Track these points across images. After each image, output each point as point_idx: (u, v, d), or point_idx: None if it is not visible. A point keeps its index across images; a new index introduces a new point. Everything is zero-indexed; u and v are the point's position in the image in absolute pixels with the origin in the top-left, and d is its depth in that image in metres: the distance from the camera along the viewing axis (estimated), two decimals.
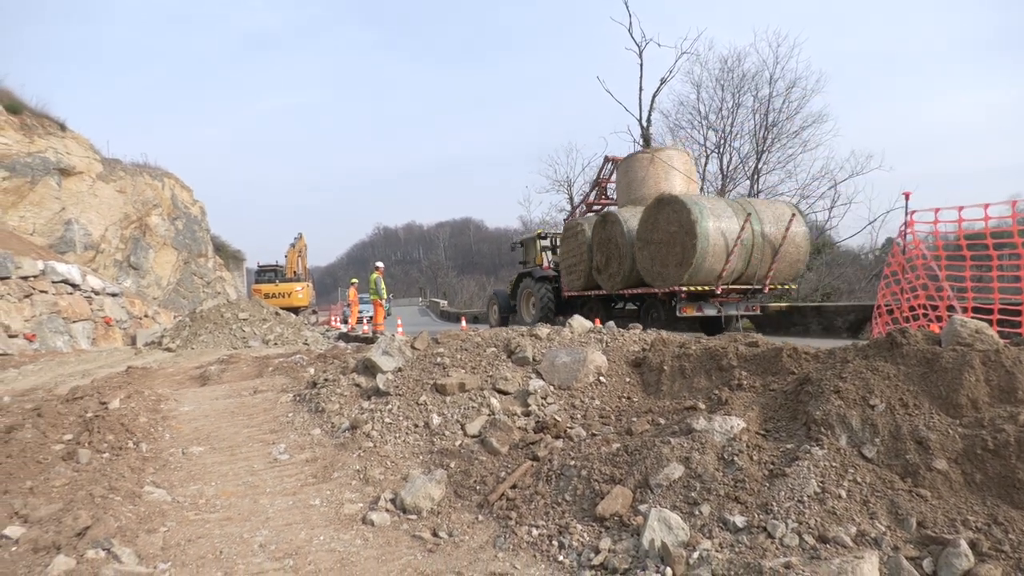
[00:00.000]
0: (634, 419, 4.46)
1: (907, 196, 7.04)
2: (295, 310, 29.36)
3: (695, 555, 2.83)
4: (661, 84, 30.54)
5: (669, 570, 2.79)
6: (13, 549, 3.12)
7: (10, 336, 14.75)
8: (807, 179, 28.82)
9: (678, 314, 13.03)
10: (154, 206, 32.28)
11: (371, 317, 20.11)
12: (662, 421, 4.28)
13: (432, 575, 3.10)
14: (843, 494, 3.04)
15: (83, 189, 27.42)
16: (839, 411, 3.46)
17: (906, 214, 6.88)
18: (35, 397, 7.85)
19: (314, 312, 35.46)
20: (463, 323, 20.55)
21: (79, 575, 2.81)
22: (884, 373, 3.60)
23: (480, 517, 3.73)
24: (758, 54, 42.50)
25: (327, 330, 22.07)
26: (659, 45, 36.99)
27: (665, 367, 5.07)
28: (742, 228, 12.17)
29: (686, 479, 3.37)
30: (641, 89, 31.28)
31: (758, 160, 28.77)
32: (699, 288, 12.67)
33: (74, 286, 18.60)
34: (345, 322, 26.01)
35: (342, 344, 15.33)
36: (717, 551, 2.84)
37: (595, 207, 19.37)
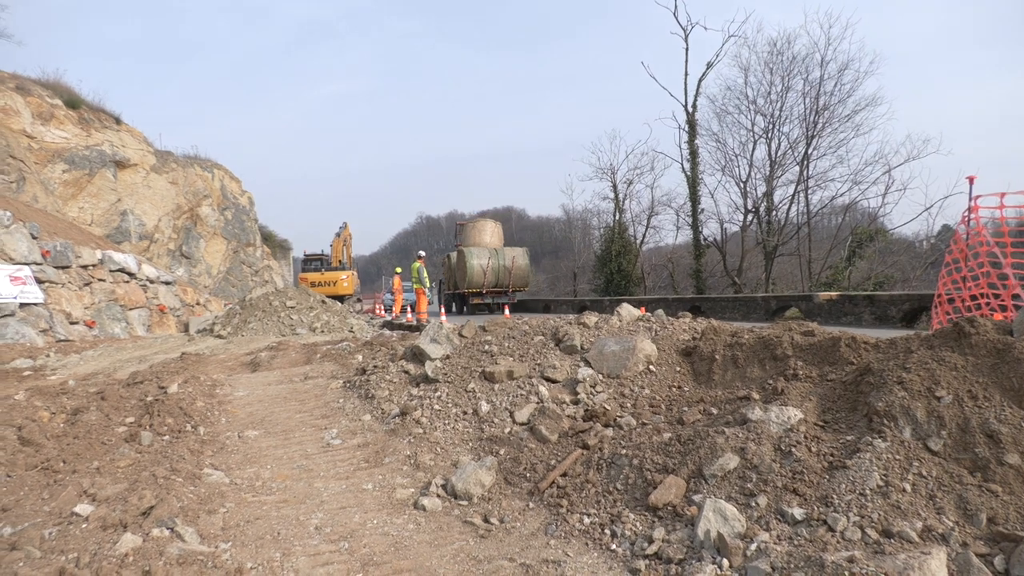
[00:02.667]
0: (685, 408, 4.40)
1: (971, 180, 6.75)
2: (340, 298, 29.79)
3: (753, 547, 2.78)
4: (707, 68, 30.09)
5: (726, 561, 2.75)
6: (83, 526, 3.24)
7: (71, 323, 15.31)
8: (860, 164, 27.98)
9: (471, 302, 27.08)
10: (204, 197, 33.08)
11: (415, 305, 20.29)
12: (715, 411, 4.21)
13: (485, 560, 3.12)
14: (908, 488, 2.95)
15: (137, 181, 28.26)
16: (903, 402, 3.35)
17: (970, 199, 6.60)
18: (97, 381, 8.15)
19: (359, 300, 35.95)
20: (506, 311, 20.57)
21: (145, 553, 2.89)
22: (951, 364, 3.47)
23: (531, 504, 3.73)
24: (809, 36, 41.34)
25: (371, 318, 22.36)
26: (705, 28, 36.48)
27: (717, 356, 4.98)
28: (489, 260, 26.54)
29: (741, 470, 3.31)
30: (687, 74, 30.84)
31: (808, 145, 28.00)
32: (474, 290, 26.75)
33: (130, 275, 19.19)
34: (389, 310, 26.28)
35: (387, 332, 15.49)
36: (775, 543, 2.79)
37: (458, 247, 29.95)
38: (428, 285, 19.40)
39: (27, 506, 3.52)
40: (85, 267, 17.25)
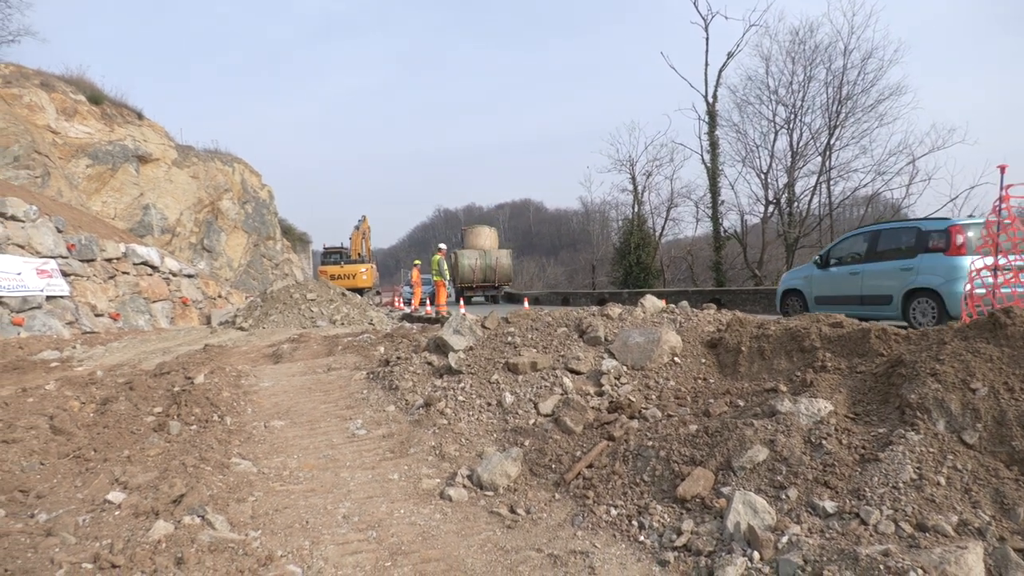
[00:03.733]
0: (711, 400, 4.36)
1: (1003, 169, 6.61)
2: (360, 291, 29.93)
3: (784, 539, 2.76)
4: (728, 58, 29.83)
5: (756, 554, 2.73)
6: (116, 513, 3.29)
7: (96, 315, 15.54)
8: (883, 154, 27.56)
9: (465, 294, 33.60)
10: (225, 191, 33.37)
11: (433, 297, 20.36)
12: (741, 403, 4.17)
13: (512, 551, 3.12)
14: (942, 481, 2.91)
15: (159, 175, 28.57)
16: (936, 395, 3.30)
17: (1001, 189, 6.47)
18: (123, 372, 8.25)
19: (378, 293, 36.12)
20: (525, 304, 20.56)
21: (178, 539, 2.93)
22: (986, 355, 3.41)
23: (557, 495, 3.73)
24: (832, 24, 40.67)
25: (391, 310, 22.46)
26: (726, 18, 36.11)
27: (743, 348, 4.94)
28: (478, 260, 33.64)
29: (771, 462, 3.28)
30: (707, 64, 30.57)
31: (830, 136, 27.65)
32: (466, 284, 33.54)
33: (153, 268, 19.42)
34: (408, 303, 26.39)
35: (407, 324, 15.55)
36: (807, 536, 2.76)
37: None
38: (448, 277, 19.46)
39: (61, 493, 3.58)
40: (109, 260, 17.48)
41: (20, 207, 14.72)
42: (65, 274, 15.03)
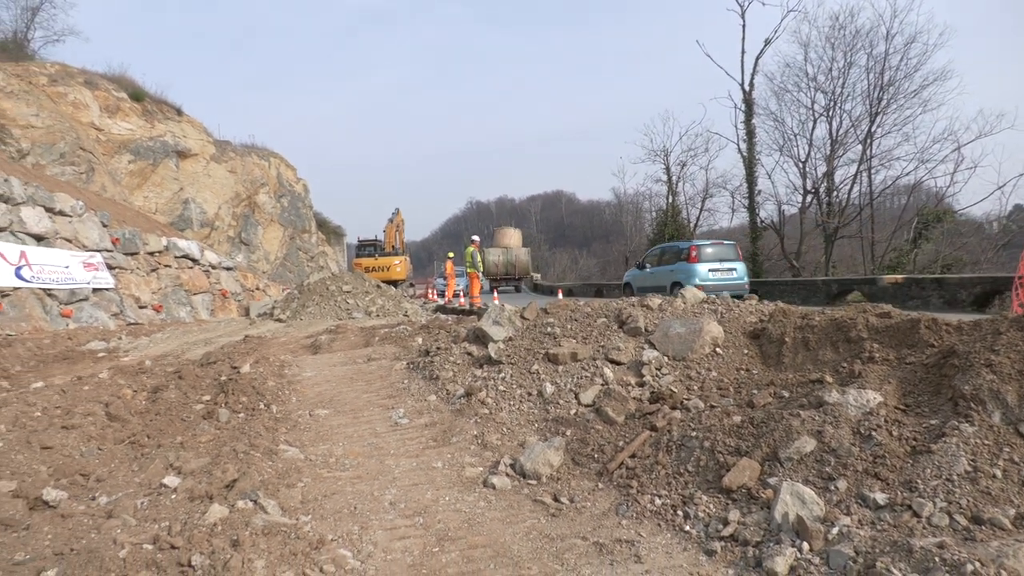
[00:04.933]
0: (755, 391, 4.32)
1: None
2: (394, 283, 30.18)
3: (834, 530, 2.74)
4: (765, 45, 29.33)
5: (806, 545, 2.71)
6: (172, 497, 3.40)
7: (140, 307, 15.95)
8: (927, 142, 26.82)
9: (492, 284, 36.43)
10: (262, 185, 33.90)
11: (467, 289, 20.45)
12: (786, 394, 4.13)
13: (558, 539, 3.14)
14: (998, 474, 2.85)
15: (198, 170, 29.13)
16: (992, 386, 3.23)
17: None
18: (168, 362, 8.47)
19: (411, 285, 36.40)
20: (559, 295, 20.54)
21: (232, 523, 3.01)
22: None
23: (600, 485, 3.74)
24: (873, 8, 39.57)
25: (424, 302, 22.60)
26: (763, 4, 35.29)
27: (786, 339, 4.87)
28: (501, 256, 39.41)
29: (819, 453, 3.25)
30: (743, 52, 30.11)
31: (872, 123, 27.01)
32: (491, 276, 37.63)
33: (194, 261, 19.85)
34: (442, 295, 26.55)
35: (441, 316, 15.65)
36: (858, 527, 2.73)
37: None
38: (482, 269, 19.51)
39: (119, 477, 3.71)
40: (152, 254, 17.91)
41: (67, 202, 15.15)
42: (110, 267, 15.45)
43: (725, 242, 16.10)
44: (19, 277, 12.27)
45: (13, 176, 13.74)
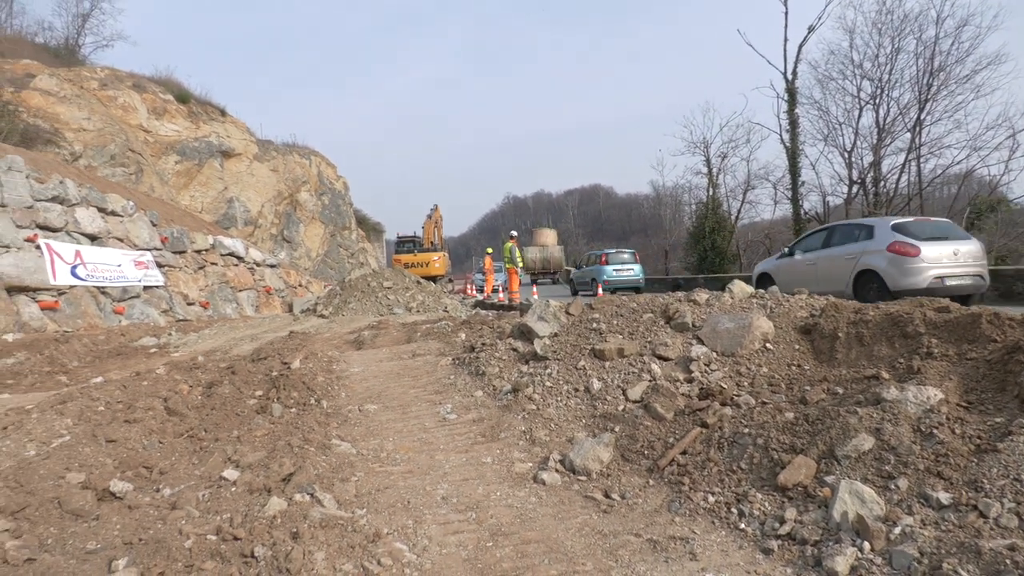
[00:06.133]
0: (807, 388, 4.25)
1: None
2: (433, 279, 30.41)
3: (896, 530, 2.68)
4: (809, 33, 28.57)
5: (867, 544, 2.66)
6: (232, 489, 3.49)
7: (188, 304, 16.36)
8: (980, 129, 25.78)
9: (532, 278, 42.43)
10: (303, 183, 34.45)
11: (506, 284, 20.50)
12: (840, 391, 4.05)
13: (611, 535, 3.14)
14: None
15: (242, 169, 29.74)
16: None
17: None
18: (218, 357, 8.68)
19: (450, 281, 36.62)
20: (599, 290, 20.45)
21: (291, 515, 3.09)
22: None
23: (651, 481, 3.72)
24: None
25: (463, 298, 22.73)
26: None
27: (840, 334, 4.77)
28: (538, 253, 48.16)
29: (877, 451, 3.18)
30: (786, 40, 29.39)
31: (921, 110, 26.09)
32: (530, 271, 44.78)
33: (239, 258, 20.28)
34: (480, 290, 26.65)
35: (481, 312, 15.71)
36: (921, 528, 2.67)
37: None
38: (521, 265, 19.51)
39: (180, 470, 3.82)
40: (199, 252, 18.35)
41: (119, 202, 15.61)
42: (159, 265, 15.88)
43: (625, 251, 23.95)
44: (75, 276, 12.70)
45: (68, 178, 14.21)
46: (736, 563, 2.79)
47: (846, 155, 29.20)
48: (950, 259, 9.93)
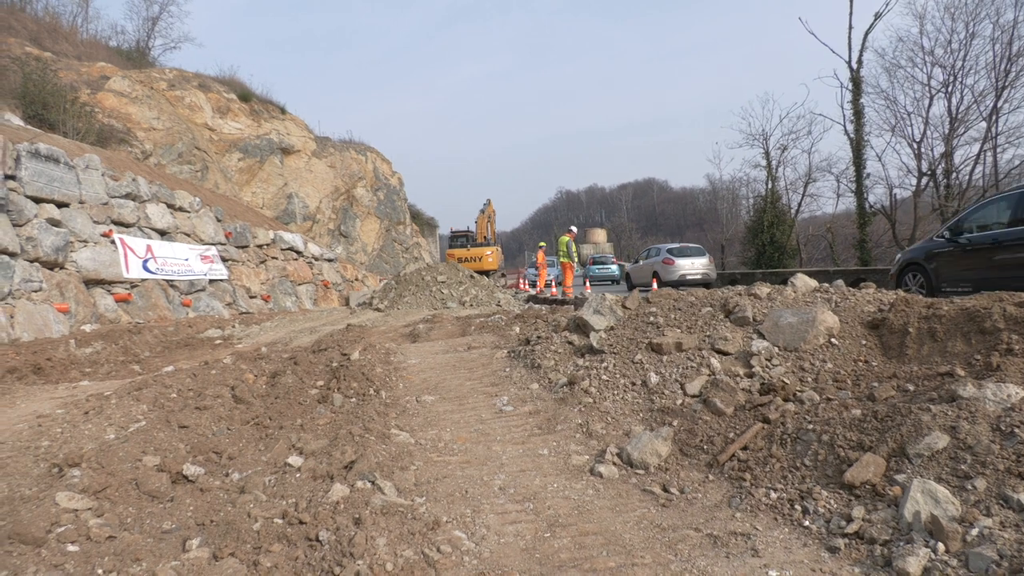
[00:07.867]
0: (875, 384, 4.11)
1: None
2: (485, 273, 30.52)
3: (973, 532, 2.57)
4: (875, 19, 27.52)
5: (941, 546, 2.55)
6: (296, 475, 3.59)
7: (250, 297, 16.88)
8: None
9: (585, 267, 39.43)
10: (359, 179, 35.08)
11: (560, 279, 20.42)
12: (911, 387, 3.90)
13: (669, 529, 3.10)
14: None
15: (300, 166, 30.46)
16: None
17: None
18: (278, 349, 8.93)
19: (503, 275, 36.71)
20: (654, 284, 20.19)
21: (354, 502, 3.15)
22: None
23: (710, 476, 3.66)
24: None
25: (516, 292, 22.77)
26: None
27: (910, 329, 4.59)
28: (591, 249, 52.58)
29: (952, 450, 3.05)
30: (851, 27, 28.41)
31: (997, 98, 24.85)
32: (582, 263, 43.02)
33: (298, 253, 20.81)
34: (533, 285, 26.64)
35: (535, 306, 15.71)
36: (1000, 530, 2.55)
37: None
38: (576, 260, 19.42)
39: (247, 456, 3.95)
40: (260, 246, 18.91)
41: (186, 199, 16.20)
42: (224, 259, 16.42)
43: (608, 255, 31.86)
44: (146, 269, 13.25)
45: (140, 176, 14.82)
46: (800, 560, 2.72)
47: (915, 146, 28.08)
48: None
